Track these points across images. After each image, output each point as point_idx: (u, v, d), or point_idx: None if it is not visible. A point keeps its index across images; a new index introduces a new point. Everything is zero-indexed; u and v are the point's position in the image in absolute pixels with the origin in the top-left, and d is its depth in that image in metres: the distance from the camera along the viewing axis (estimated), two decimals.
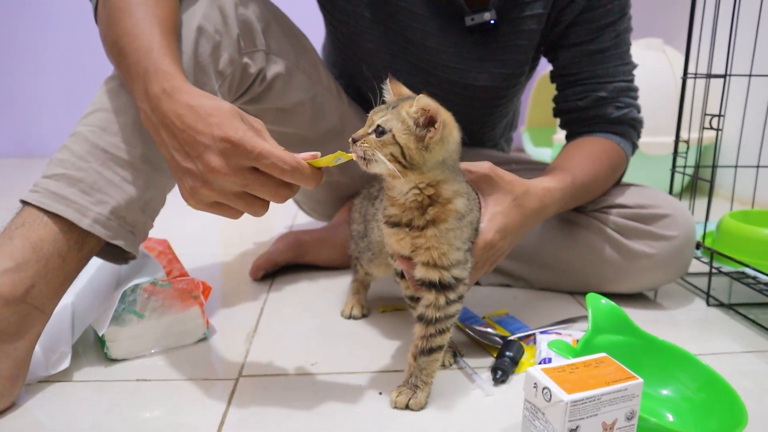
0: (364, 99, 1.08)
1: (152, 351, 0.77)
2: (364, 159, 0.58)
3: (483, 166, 0.71)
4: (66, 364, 0.71)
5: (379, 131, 0.58)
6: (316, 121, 0.98)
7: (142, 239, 0.74)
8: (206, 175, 0.57)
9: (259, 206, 0.59)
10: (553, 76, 0.99)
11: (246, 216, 0.61)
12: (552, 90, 1.01)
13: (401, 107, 0.59)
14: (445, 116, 0.59)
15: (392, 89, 0.64)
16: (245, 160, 0.56)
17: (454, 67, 0.95)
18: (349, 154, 0.58)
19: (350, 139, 0.59)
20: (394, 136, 0.57)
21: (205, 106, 0.58)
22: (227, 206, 0.59)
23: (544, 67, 1.10)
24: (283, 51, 0.89)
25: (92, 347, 0.79)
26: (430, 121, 0.57)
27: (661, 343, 0.68)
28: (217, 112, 0.57)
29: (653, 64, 1.72)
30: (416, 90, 0.64)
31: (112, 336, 0.74)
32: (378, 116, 0.59)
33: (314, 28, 1.10)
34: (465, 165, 0.69)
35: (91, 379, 0.71)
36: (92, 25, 0.75)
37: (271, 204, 0.60)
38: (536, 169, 1.05)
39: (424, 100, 0.57)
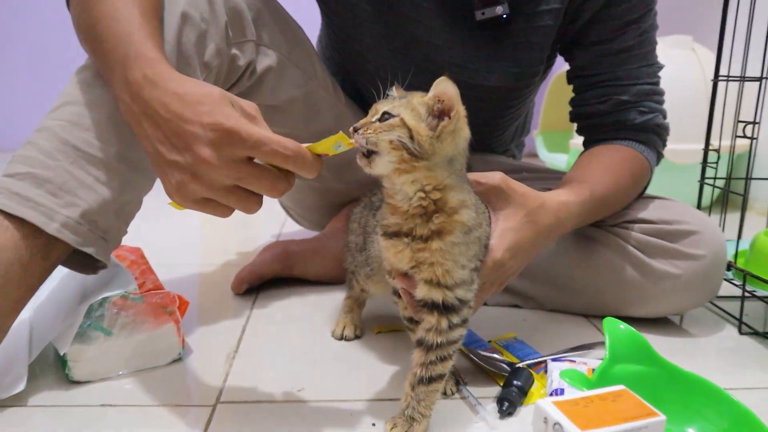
0: (363, 97, 1.08)
1: (120, 372, 0.77)
2: (366, 157, 0.58)
3: (494, 177, 0.71)
4: (21, 386, 0.70)
5: (385, 117, 0.58)
6: (310, 120, 0.98)
7: (114, 246, 0.73)
8: (196, 168, 0.56)
9: (253, 202, 0.59)
10: (571, 77, 1.00)
11: (227, 222, 0.61)
12: (569, 90, 1.01)
13: (412, 97, 0.60)
14: (460, 108, 0.59)
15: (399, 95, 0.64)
16: (240, 150, 0.56)
17: (462, 65, 0.96)
18: (351, 141, 0.58)
19: (351, 129, 0.59)
20: (402, 119, 0.58)
21: (193, 93, 0.58)
22: (217, 203, 0.59)
23: (561, 65, 1.10)
24: (276, 42, 0.89)
25: (52, 368, 0.78)
26: (444, 112, 0.58)
27: (686, 374, 0.67)
28: (206, 99, 0.57)
29: (681, 64, 1.73)
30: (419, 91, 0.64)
31: (76, 355, 0.74)
32: (383, 105, 0.60)
33: (310, 19, 1.10)
34: (474, 175, 0.70)
35: (50, 404, 0.71)
36: (64, 10, 0.75)
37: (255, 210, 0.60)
38: (550, 178, 1.06)
39: (443, 86, 0.57)
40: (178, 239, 1.45)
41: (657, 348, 0.69)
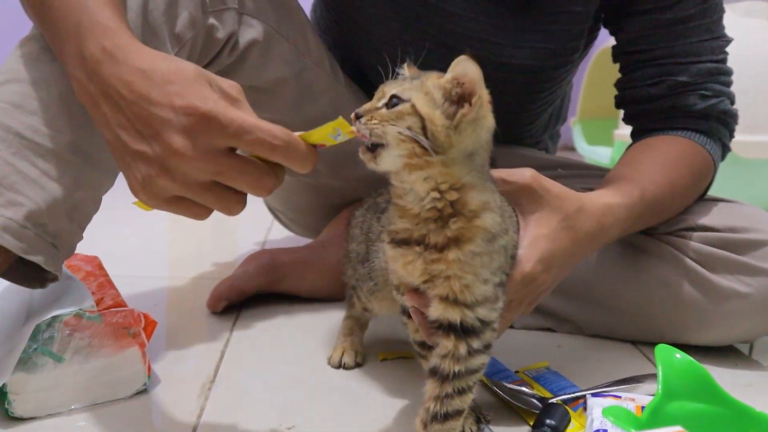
0: (366, 77, 1.09)
1: (73, 407, 0.77)
2: (369, 150, 0.59)
3: (524, 175, 0.71)
4: None
5: (394, 102, 0.59)
6: (302, 104, 0.99)
7: (67, 255, 0.74)
8: (166, 160, 0.56)
9: (234, 201, 0.59)
10: (617, 54, 1.00)
11: (203, 226, 0.61)
12: (614, 70, 1.01)
13: (426, 78, 0.60)
14: (483, 92, 0.60)
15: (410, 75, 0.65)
16: (219, 139, 0.56)
17: (484, 39, 0.96)
18: (353, 128, 0.58)
19: (353, 115, 0.59)
20: (414, 105, 0.58)
21: (162, 70, 0.58)
22: (191, 202, 0.59)
23: (605, 38, 1.10)
24: (262, 11, 0.90)
25: None
26: (464, 97, 0.59)
27: (757, 415, 0.67)
28: (178, 77, 0.57)
29: (755, 37, 1.73)
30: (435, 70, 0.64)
31: (18, 386, 0.73)
32: (392, 87, 0.60)
33: None
34: (499, 173, 0.70)
35: None
36: None
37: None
38: (591, 175, 1.06)
39: (463, 66, 0.58)
40: (144, 246, 1.46)
41: (721, 382, 0.69)
